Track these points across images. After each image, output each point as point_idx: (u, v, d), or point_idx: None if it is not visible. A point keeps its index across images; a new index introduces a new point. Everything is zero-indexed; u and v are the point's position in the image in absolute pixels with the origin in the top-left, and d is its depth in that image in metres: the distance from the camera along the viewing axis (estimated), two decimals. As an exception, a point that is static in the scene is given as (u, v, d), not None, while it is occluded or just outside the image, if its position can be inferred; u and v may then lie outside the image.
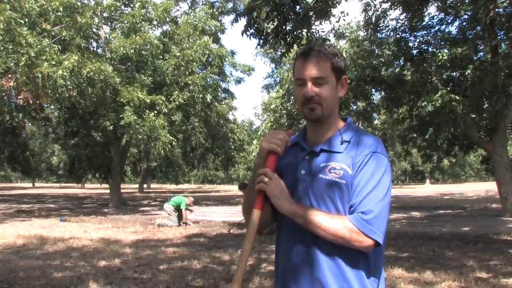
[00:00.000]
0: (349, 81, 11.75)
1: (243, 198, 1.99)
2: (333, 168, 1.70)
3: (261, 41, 8.98)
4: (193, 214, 15.18)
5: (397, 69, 17.96)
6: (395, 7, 14.38)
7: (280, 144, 1.74)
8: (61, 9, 16.70)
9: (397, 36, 16.42)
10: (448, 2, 14.51)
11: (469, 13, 14.10)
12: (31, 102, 17.29)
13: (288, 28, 9.07)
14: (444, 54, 13.59)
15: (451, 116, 15.29)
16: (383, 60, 17.96)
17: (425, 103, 13.92)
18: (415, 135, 21.34)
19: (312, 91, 1.73)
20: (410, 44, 16.67)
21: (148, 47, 20.60)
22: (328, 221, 1.62)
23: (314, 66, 1.74)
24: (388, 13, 15.58)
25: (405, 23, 15.89)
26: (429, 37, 16.40)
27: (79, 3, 17.83)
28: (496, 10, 8.67)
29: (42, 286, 6.08)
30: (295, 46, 9.77)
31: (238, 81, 30.45)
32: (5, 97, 18.75)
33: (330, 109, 1.78)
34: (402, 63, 17.26)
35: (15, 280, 6.43)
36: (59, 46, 16.69)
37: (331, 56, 1.78)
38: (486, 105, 16.14)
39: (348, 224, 1.61)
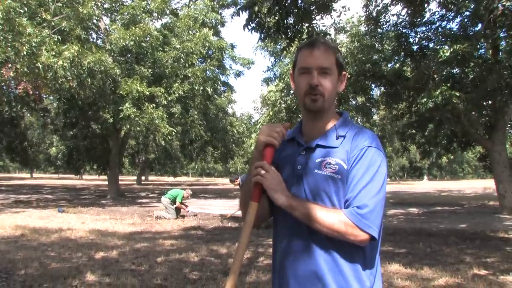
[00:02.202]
0: (348, 76, 11.75)
1: (241, 191, 1.99)
2: (328, 163, 1.71)
3: (263, 35, 8.96)
4: (188, 209, 15.20)
5: (397, 65, 17.95)
6: (396, 3, 14.36)
7: (277, 137, 1.75)
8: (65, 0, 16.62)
9: (397, 31, 16.40)
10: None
11: (471, 10, 14.07)
12: (30, 92, 17.23)
13: (289, 22, 9.04)
14: (445, 51, 13.56)
15: (453, 114, 15.27)
16: (383, 55, 17.94)
17: (425, 99, 13.91)
18: (414, 131, 21.33)
19: (318, 80, 1.74)
20: (411, 39, 16.65)
21: (148, 39, 20.54)
22: (324, 215, 1.63)
23: (321, 56, 1.76)
24: (389, 8, 15.58)
25: (406, 18, 15.87)
26: (429, 33, 16.37)
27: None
28: (501, 6, 8.62)
29: (40, 277, 6.09)
30: (296, 41, 9.77)
31: (238, 74, 30.45)
32: (4, 87, 18.71)
33: (330, 101, 1.79)
34: (402, 58, 17.25)
35: (13, 270, 6.44)
36: (59, 37, 16.63)
37: (335, 51, 1.81)
38: (486, 103, 16.12)
39: (344, 218, 1.62)
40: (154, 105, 20.15)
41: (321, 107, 1.77)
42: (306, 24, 9.59)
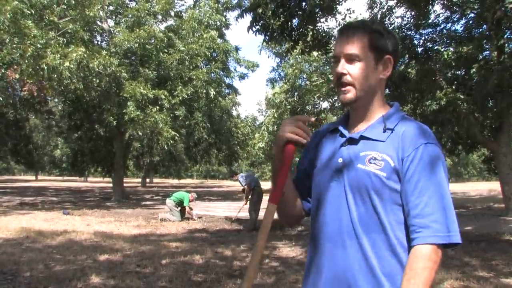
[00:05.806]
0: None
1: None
2: (373, 158, 1.54)
3: (267, 37, 8.97)
4: (194, 211, 15.19)
5: (402, 67, 17.91)
6: (401, 5, 14.34)
7: (302, 133, 1.58)
8: (72, 2, 16.65)
9: (402, 33, 16.36)
10: (454, 0, 14.46)
11: (475, 12, 14.04)
12: (35, 94, 17.29)
13: (294, 24, 9.05)
14: (450, 53, 13.52)
15: (454, 115, 15.22)
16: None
17: (430, 101, 13.86)
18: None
19: (343, 68, 1.58)
20: (415, 41, 16.60)
21: (153, 41, 20.59)
22: (427, 279, 1.44)
23: (347, 42, 1.59)
24: (393, 10, 15.57)
25: (411, 20, 15.85)
26: (434, 35, 16.33)
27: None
28: (504, 9, 8.62)
29: (45, 279, 6.10)
30: (300, 43, 9.78)
31: (242, 76, 30.43)
32: (9, 89, 18.78)
33: (364, 91, 1.59)
34: (407, 60, 17.20)
35: (18, 272, 6.46)
36: (64, 39, 16.67)
37: (369, 32, 1.60)
38: (491, 104, 16.07)
39: (431, 255, 1.48)
40: (157, 107, 20.18)
41: (352, 99, 1.59)
42: (311, 27, 9.59)
